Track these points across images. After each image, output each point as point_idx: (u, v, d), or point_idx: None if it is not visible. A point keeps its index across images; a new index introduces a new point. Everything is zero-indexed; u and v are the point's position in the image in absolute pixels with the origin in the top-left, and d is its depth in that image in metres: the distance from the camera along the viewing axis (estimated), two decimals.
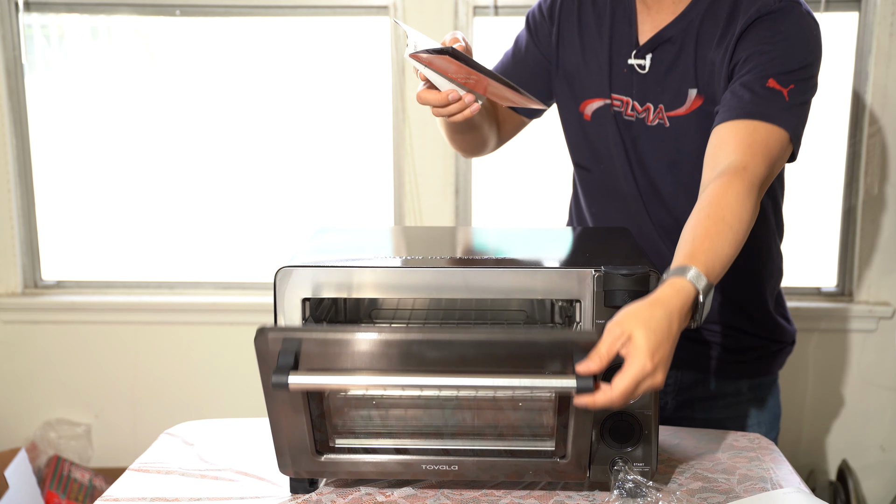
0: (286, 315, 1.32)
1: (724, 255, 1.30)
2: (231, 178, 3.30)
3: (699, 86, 1.56)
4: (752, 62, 1.47)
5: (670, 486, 1.38)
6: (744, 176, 1.37)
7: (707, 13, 1.55)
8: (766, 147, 1.41)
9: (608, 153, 1.68)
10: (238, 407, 3.24)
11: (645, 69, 1.60)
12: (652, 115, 1.61)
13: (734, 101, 1.46)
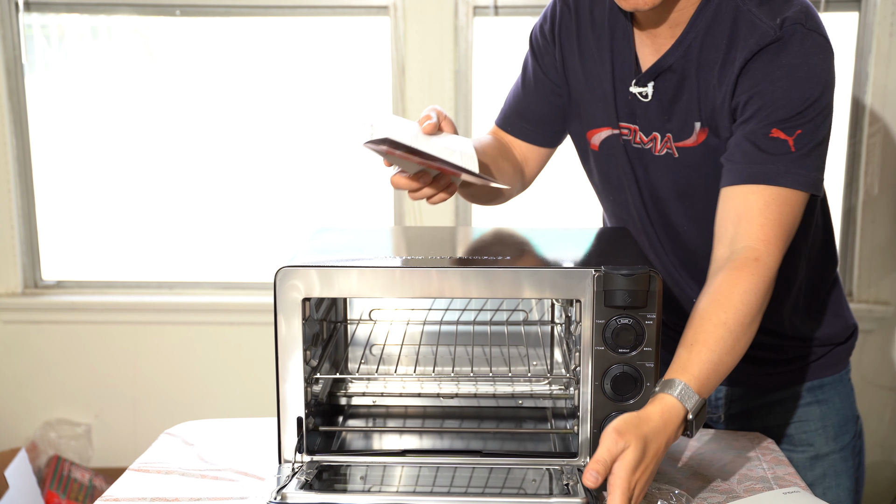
0: (286, 315, 1.32)
1: (721, 364, 1.28)
2: (231, 178, 3.30)
3: (703, 119, 1.46)
4: (754, 106, 1.38)
5: (670, 485, 1.38)
6: (755, 269, 1.32)
7: (706, 38, 1.44)
8: (780, 223, 1.35)
9: (619, 183, 1.60)
10: (238, 407, 3.24)
11: (647, 97, 1.50)
12: (659, 144, 1.52)
13: (739, 156, 1.38)
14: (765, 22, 1.38)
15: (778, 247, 1.34)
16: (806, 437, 1.62)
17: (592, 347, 1.30)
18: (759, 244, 1.33)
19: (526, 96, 1.68)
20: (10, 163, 3.15)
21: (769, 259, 1.33)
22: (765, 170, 1.35)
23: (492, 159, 1.60)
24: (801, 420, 1.62)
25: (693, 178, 1.50)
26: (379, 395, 1.62)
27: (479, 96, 3.14)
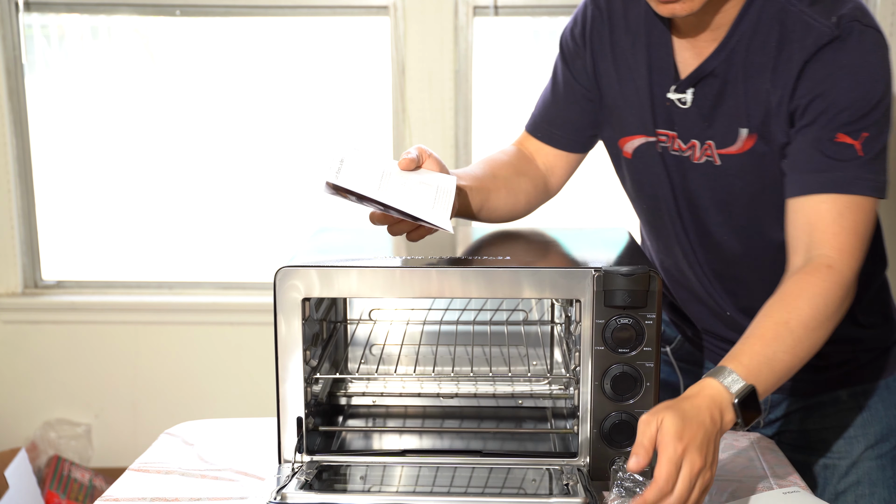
0: (286, 315, 1.32)
1: (777, 361, 1.23)
2: (231, 178, 3.30)
3: (751, 125, 1.39)
4: (817, 109, 1.32)
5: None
6: (828, 275, 1.27)
7: (752, 41, 1.37)
8: (855, 231, 1.30)
9: (653, 192, 1.54)
10: (238, 407, 3.24)
11: (686, 104, 1.43)
12: (698, 152, 1.45)
13: (805, 164, 1.33)
14: (819, 21, 1.32)
15: (854, 256, 1.29)
16: (844, 442, 1.55)
17: (592, 347, 1.30)
18: (833, 252, 1.29)
19: (556, 102, 1.63)
20: (10, 163, 3.15)
21: (844, 267, 1.28)
22: (834, 177, 1.30)
23: (504, 181, 1.56)
24: (842, 426, 1.56)
25: (735, 186, 1.44)
26: (379, 395, 1.62)
27: (479, 96, 3.14)
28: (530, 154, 1.65)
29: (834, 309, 1.28)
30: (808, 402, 1.58)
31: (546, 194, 1.66)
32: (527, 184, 1.61)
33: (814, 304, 1.26)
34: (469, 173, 1.53)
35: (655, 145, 1.49)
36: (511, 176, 1.59)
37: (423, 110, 3.08)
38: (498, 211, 1.56)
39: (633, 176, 1.56)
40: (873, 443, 1.54)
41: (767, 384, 1.23)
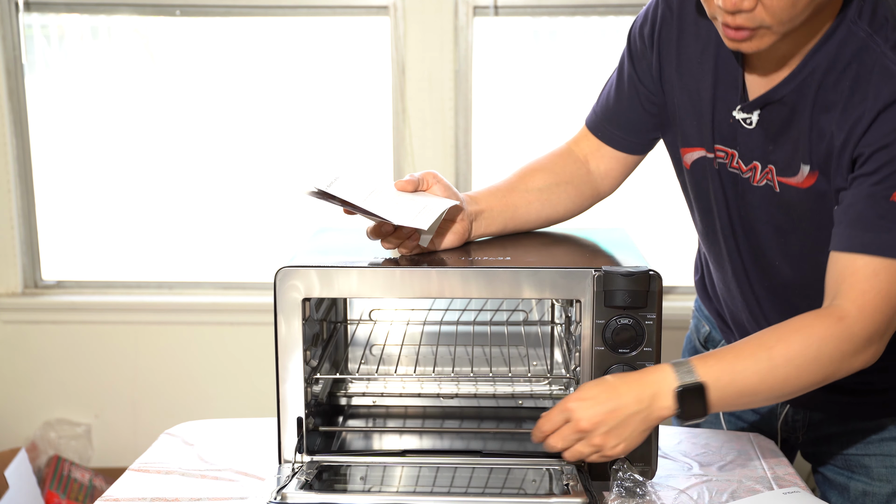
0: (286, 315, 1.32)
1: (742, 378, 1.22)
2: (231, 178, 3.30)
3: (813, 162, 1.32)
4: (877, 162, 1.24)
5: (670, 485, 1.38)
6: (836, 325, 1.23)
7: (827, 76, 1.28)
8: (887, 294, 1.24)
9: (709, 206, 1.49)
10: (238, 407, 3.24)
11: (752, 125, 1.36)
12: (759, 174, 1.38)
13: (853, 220, 1.26)
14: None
15: (875, 317, 1.23)
16: (886, 472, 1.50)
17: (592, 347, 1.30)
18: (852, 307, 1.24)
19: (619, 101, 1.53)
20: (10, 163, 3.15)
21: (857, 325, 1.23)
22: (879, 239, 1.23)
23: (537, 193, 1.53)
24: (885, 454, 1.50)
25: (794, 214, 1.38)
26: (379, 396, 1.62)
27: (479, 96, 3.14)
28: (584, 157, 1.58)
29: (829, 358, 1.24)
30: (850, 427, 1.53)
31: (595, 198, 1.60)
32: (569, 192, 1.56)
33: (807, 343, 1.23)
34: (493, 192, 1.51)
35: (713, 161, 1.43)
36: (550, 186, 1.54)
37: (423, 110, 3.08)
38: (530, 224, 1.54)
39: (691, 187, 1.51)
40: None
41: (723, 394, 1.23)
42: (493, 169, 3.18)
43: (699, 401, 1.22)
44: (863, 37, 1.26)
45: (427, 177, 1.41)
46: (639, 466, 1.33)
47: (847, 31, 1.27)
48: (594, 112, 1.58)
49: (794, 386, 1.25)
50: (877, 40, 1.25)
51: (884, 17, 1.25)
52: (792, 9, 1.20)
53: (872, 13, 1.26)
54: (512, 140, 3.23)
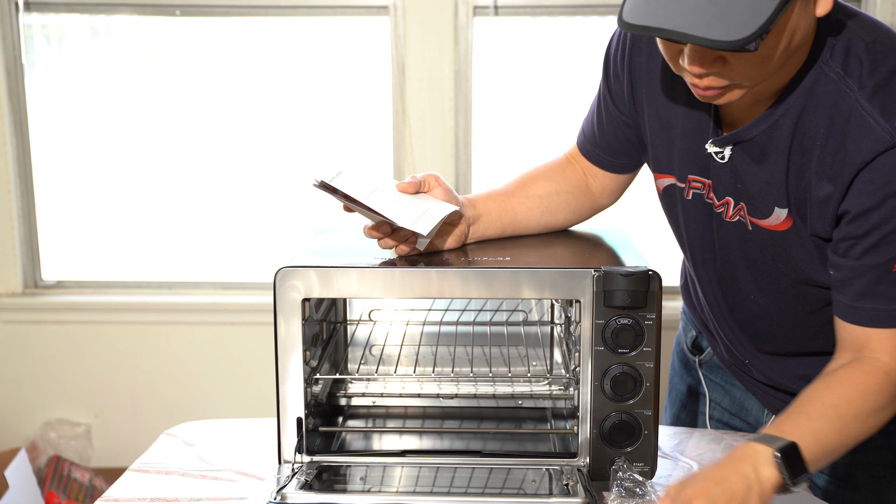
0: (286, 315, 1.32)
1: (823, 436, 1.19)
2: (231, 178, 3.30)
3: (791, 205, 1.28)
4: (866, 224, 1.21)
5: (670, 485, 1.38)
6: (883, 378, 1.23)
7: (801, 118, 1.24)
8: None
9: (680, 233, 1.48)
10: (238, 407, 3.24)
11: (724, 160, 1.32)
12: (731, 210, 1.35)
13: (856, 296, 1.24)
14: (879, 122, 1.18)
15: None
16: (872, 481, 1.49)
17: (592, 347, 1.30)
18: (889, 359, 1.23)
19: (600, 125, 1.52)
20: (10, 163, 3.15)
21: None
22: (890, 311, 1.23)
23: (538, 199, 1.53)
24: (871, 464, 1.49)
25: (767, 256, 1.35)
26: (379, 396, 1.62)
27: (479, 96, 3.14)
28: (582, 171, 1.58)
29: (885, 404, 1.24)
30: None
31: (593, 209, 1.60)
32: (568, 201, 1.56)
33: (865, 399, 1.23)
34: (492, 196, 1.51)
35: (684, 191, 1.41)
36: (550, 194, 1.54)
37: (423, 110, 3.08)
38: (528, 230, 1.54)
39: (664, 212, 1.50)
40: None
41: (813, 453, 1.18)
42: (493, 169, 3.18)
43: (798, 459, 1.17)
44: (835, 79, 1.22)
45: (428, 178, 1.42)
46: (639, 466, 1.33)
47: (819, 72, 1.23)
48: (582, 133, 1.58)
49: (864, 437, 1.25)
50: (850, 84, 1.21)
51: (857, 60, 1.21)
52: (761, 68, 1.17)
53: (845, 54, 1.22)
54: (512, 140, 3.23)
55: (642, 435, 1.32)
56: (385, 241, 1.38)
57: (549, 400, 1.60)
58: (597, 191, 1.59)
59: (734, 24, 1.08)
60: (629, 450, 1.33)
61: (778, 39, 1.14)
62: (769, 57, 1.16)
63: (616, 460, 1.32)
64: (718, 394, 1.65)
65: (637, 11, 1.12)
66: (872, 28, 1.24)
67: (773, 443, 1.15)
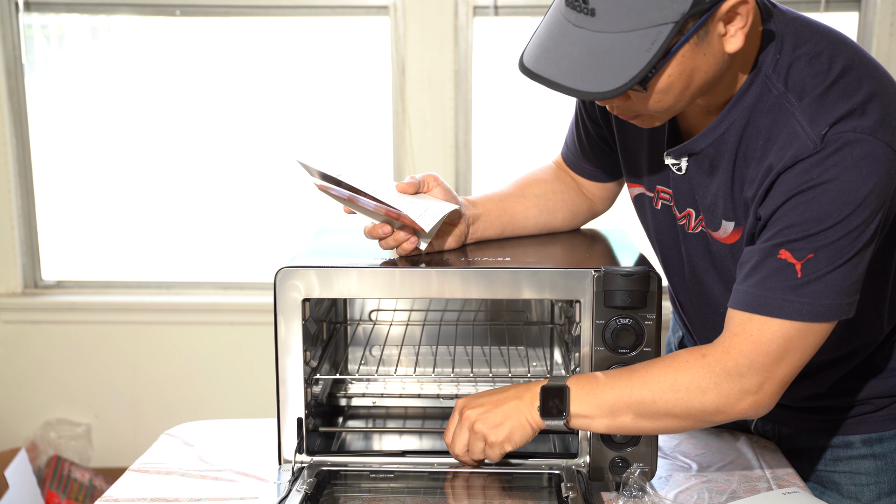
0: (286, 315, 1.32)
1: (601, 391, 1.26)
2: (231, 178, 3.30)
3: (737, 218, 1.30)
4: (773, 221, 1.22)
5: (670, 485, 1.38)
6: (699, 360, 1.24)
7: (744, 132, 1.26)
8: (756, 341, 1.22)
9: (653, 241, 1.49)
10: (238, 407, 3.24)
11: (682, 171, 1.34)
12: (693, 221, 1.37)
13: (743, 275, 1.25)
14: (806, 131, 1.19)
15: (737, 360, 1.22)
16: (856, 489, 1.48)
17: (592, 348, 1.30)
18: (717, 346, 1.24)
19: (579, 137, 1.56)
20: (10, 163, 3.15)
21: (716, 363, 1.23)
22: (760, 296, 1.21)
23: (535, 199, 1.55)
24: (854, 472, 1.48)
25: (728, 265, 1.35)
26: (379, 396, 1.62)
27: (479, 96, 3.14)
28: (571, 179, 1.61)
29: (686, 388, 1.23)
30: (819, 443, 1.52)
31: (590, 213, 1.63)
32: (566, 200, 1.58)
33: (665, 370, 1.25)
34: (491, 197, 1.52)
35: (653, 200, 1.43)
36: (547, 193, 1.56)
37: (423, 110, 3.08)
38: (527, 230, 1.55)
39: (639, 218, 1.51)
40: (886, 492, 1.48)
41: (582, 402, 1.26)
42: (493, 169, 3.18)
43: (559, 400, 1.26)
44: (776, 94, 1.23)
45: (427, 179, 1.42)
46: (639, 467, 1.33)
47: (762, 87, 1.24)
48: (565, 146, 1.61)
49: (651, 410, 1.25)
50: (790, 99, 1.22)
51: (799, 74, 1.22)
52: (662, 103, 1.20)
53: (788, 68, 1.23)
54: (512, 140, 3.23)
55: (642, 435, 1.32)
56: (386, 242, 1.38)
57: None
58: (590, 196, 1.61)
59: (607, 75, 1.13)
60: (629, 450, 1.33)
61: (669, 82, 1.17)
62: (667, 95, 1.19)
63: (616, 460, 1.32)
64: None
65: (530, 56, 1.19)
66: (818, 39, 1.25)
67: (553, 381, 1.27)
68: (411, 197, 1.38)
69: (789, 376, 1.25)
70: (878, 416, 1.47)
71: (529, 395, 1.28)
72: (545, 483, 1.34)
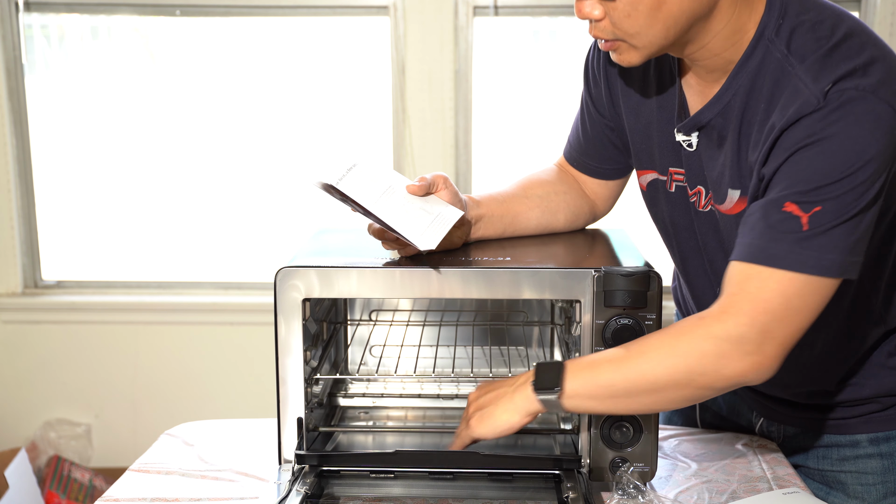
0: (286, 315, 1.32)
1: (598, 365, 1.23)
2: (231, 178, 3.30)
3: (742, 186, 1.30)
4: (778, 177, 1.22)
5: (670, 485, 1.38)
6: (696, 323, 1.21)
7: (748, 98, 1.27)
8: (755, 298, 1.19)
9: (666, 229, 1.48)
10: (238, 407, 3.24)
11: (692, 147, 1.35)
12: (703, 199, 1.37)
13: (748, 228, 1.23)
14: (809, 88, 1.20)
15: (737, 320, 1.19)
16: (862, 489, 1.47)
17: (592, 348, 1.30)
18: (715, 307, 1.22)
19: (584, 132, 1.56)
20: (10, 163, 3.15)
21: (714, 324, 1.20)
22: (767, 248, 1.19)
23: (538, 199, 1.54)
24: (860, 471, 1.47)
25: (735, 239, 1.31)
26: (379, 396, 1.62)
27: (479, 96, 3.14)
28: (574, 177, 1.62)
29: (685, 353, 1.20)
30: (825, 442, 1.51)
31: (591, 215, 1.62)
32: (567, 201, 1.58)
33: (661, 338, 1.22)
34: (494, 197, 1.52)
35: (667, 183, 1.43)
36: (549, 193, 1.56)
37: (423, 110, 3.08)
38: (529, 230, 1.55)
39: (648, 209, 1.51)
40: (893, 491, 1.46)
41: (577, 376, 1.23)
42: (493, 169, 3.18)
43: (554, 373, 1.23)
44: (779, 58, 1.24)
45: (437, 180, 1.41)
46: (639, 467, 1.33)
47: (765, 51, 1.26)
48: (568, 144, 1.62)
49: (651, 380, 1.21)
50: (792, 62, 1.23)
51: (801, 39, 1.23)
52: (631, 19, 1.22)
53: (791, 33, 1.24)
54: (512, 140, 3.23)
55: (642, 435, 1.32)
56: (389, 244, 1.38)
57: None
58: (592, 196, 1.61)
59: None
60: (629, 450, 1.33)
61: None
62: (636, 10, 1.21)
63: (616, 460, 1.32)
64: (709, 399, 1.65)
65: None
66: (821, 9, 1.26)
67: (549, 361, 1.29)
68: (420, 202, 1.37)
69: (791, 338, 1.21)
70: (884, 414, 1.46)
71: (525, 376, 1.26)
72: (545, 483, 1.34)
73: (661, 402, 1.24)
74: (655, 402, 1.24)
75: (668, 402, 1.25)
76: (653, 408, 1.26)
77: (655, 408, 1.26)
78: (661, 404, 1.25)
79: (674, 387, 1.21)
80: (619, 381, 1.22)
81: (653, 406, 1.25)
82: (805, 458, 1.53)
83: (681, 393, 1.22)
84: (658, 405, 1.25)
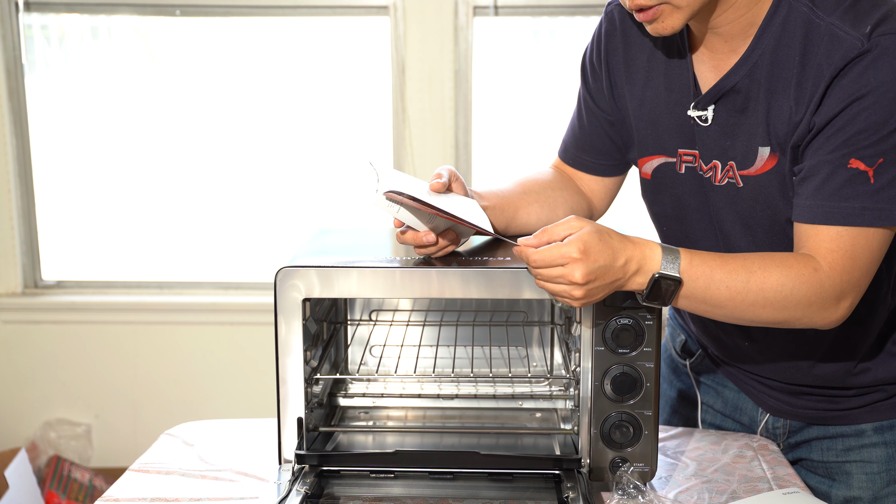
0: (286, 315, 1.32)
1: (715, 287, 1.24)
2: (231, 178, 3.30)
3: (773, 143, 1.32)
4: (834, 128, 1.24)
5: (670, 485, 1.38)
6: (812, 273, 1.24)
7: (776, 54, 1.29)
8: (852, 256, 1.25)
9: (674, 214, 1.50)
10: (238, 407, 3.24)
11: (707, 122, 1.37)
12: (720, 173, 1.38)
13: (813, 190, 1.26)
14: (849, 33, 1.22)
15: (842, 276, 1.25)
16: (867, 478, 1.48)
17: (592, 348, 1.30)
18: (822, 262, 1.25)
19: (581, 128, 1.58)
20: (10, 163, 3.15)
21: (826, 280, 1.24)
22: (839, 208, 1.24)
23: (536, 195, 1.55)
24: (865, 461, 1.49)
25: (758, 209, 1.37)
26: (379, 396, 1.62)
27: (479, 96, 3.14)
28: (570, 175, 1.62)
29: (798, 301, 1.25)
30: (830, 433, 1.52)
31: (590, 213, 1.63)
32: (566, 198, 1.58)
33: (784, 280, 1.25)
34: (495, 192, 1.52)
35: (676, 165, 1.44)
36: (546, 189, 1.57)
37: (423, 110, 3.08)
38: (530, 226, 1.54)
39: (652, 198, 1.52)
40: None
41: (692, 295, 1.24)
42: (493, 169, 3.18)
43: (669, 292, 1.23)
44: (805, 10, 1.27)
45: (451, 174, 1.41)
46: (639, 467, 1.33)
47: (788, 8, 1.28)
48: (563, 143, 1.62)
49: (757, 314, 1.27)
50: (818, 13, 1.26)
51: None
52: None
53: None
54: (512, 140, 3.23)
55: (642, 435, 1.32)
56: (430, 248, 1.36)
57: (549, 400, 1.60)
58: (588, 194, 1.62)
59: None
60: (629, 450, 1.33)
61: None
62: None
63: (616, 460, 1.32)
64: (710, 396, 1.65)
65: None
66: None
67: (667, 267, 1.22)
68: (445, 198, 1.37)
69: (867, 288, 1.28)
70: (889, 403, 1.48)
71: (637, 277, 1.23)
72: (545, 483, 1.34)
73: (748, 324, 1.31)
74: (745, 323, 1.31)
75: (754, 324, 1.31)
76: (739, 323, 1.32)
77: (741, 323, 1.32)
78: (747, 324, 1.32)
79: (768, 323, 1.28)
80: (727, 307, 1.26)
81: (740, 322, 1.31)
82: (809, 451, 1.54)
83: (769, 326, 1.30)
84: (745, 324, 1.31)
